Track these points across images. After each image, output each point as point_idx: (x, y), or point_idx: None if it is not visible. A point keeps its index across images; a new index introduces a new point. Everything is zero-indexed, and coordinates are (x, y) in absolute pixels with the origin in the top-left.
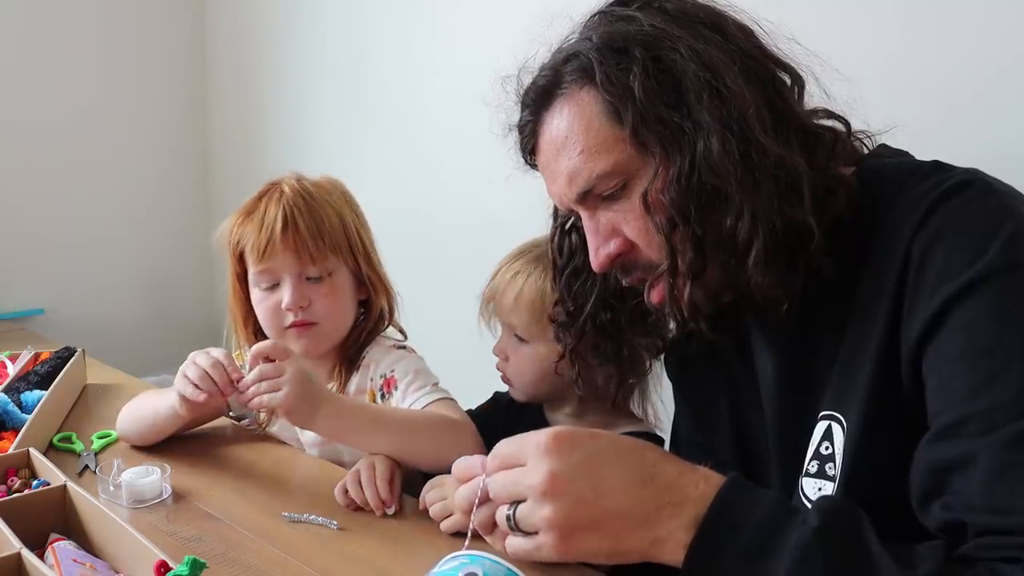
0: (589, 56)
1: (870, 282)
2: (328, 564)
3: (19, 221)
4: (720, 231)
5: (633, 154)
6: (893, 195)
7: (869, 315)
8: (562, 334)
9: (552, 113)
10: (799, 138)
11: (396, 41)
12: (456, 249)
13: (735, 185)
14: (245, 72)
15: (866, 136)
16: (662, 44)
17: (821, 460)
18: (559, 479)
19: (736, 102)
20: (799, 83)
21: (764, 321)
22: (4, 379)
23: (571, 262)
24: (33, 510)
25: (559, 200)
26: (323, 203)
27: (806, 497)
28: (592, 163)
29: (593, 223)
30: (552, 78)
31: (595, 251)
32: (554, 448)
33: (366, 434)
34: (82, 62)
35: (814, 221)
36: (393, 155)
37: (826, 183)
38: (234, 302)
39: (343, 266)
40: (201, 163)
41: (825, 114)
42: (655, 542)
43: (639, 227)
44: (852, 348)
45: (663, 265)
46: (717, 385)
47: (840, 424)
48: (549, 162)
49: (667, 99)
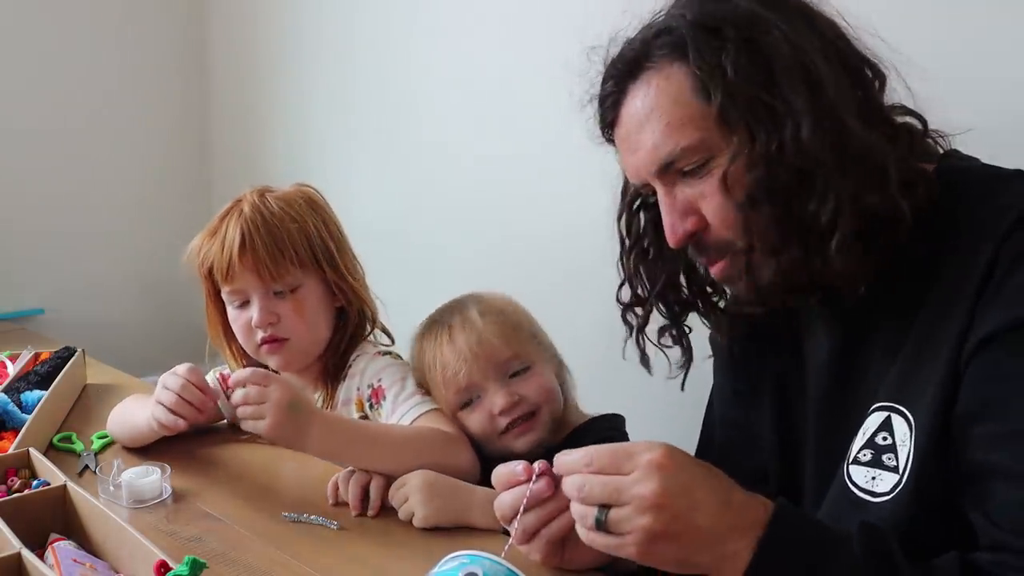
0: (683, 33)
1: (949, 280)
2: (328, 564)
3: (19, 221)
4: (804, 213)
5: (717, 132)
6: (978, 197)
7: (946, 312)
8: (629, 315)
9: (639, 85)
10: (884, 129)
11: (394, 40)
12: (456, 248)
13: (824, 168)
14: (244, 73)
15: (940, 136)
16: (756, 26)
17: (877, 450)
18: (668, 494)
19: (828, 87)
20: (881, 78)
21: (822, 303)
22: (4, 379)
23: (639, 243)
24: (33, 510)
25: (636, 173)
26: (282, 218)
27: (855, 484)
28: (677, 136)
29: (670, 198)
30: (642, 50)
31: (671, 227)
32: (668, 464)
33: (359, 452)
34: (81, 63)
35: (904, 204)
36: (391, 156)
37: (908, 176)
38: (212, 320)
39: (311, 278)
40: (201, 163)
41: (903, 110)
42: (722, 558)
43: (717, 204)
44: (922, 342)
45: (739, 243)
46: (763, 362)
47: (904, 417)
48: (631, 133)
49: (758, 79)
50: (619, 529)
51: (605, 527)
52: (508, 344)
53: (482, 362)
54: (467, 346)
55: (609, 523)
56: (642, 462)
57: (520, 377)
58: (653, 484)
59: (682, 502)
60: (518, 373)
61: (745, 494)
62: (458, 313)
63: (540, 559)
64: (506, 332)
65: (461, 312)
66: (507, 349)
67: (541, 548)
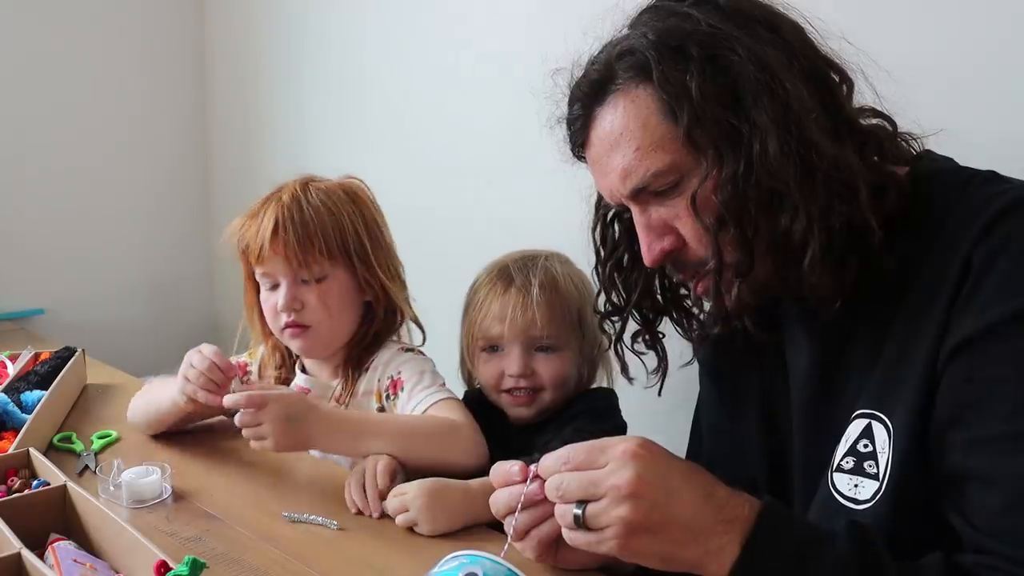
0: (646, 54)
1: (924, 285)
2: (328, 564)
3: (19, 221)
4: (774, 232)
5: (686, 154)
6: (951, 200)
7: (922, 317)
8: (607, 325)
9: (606, 108)
10: (852, 137)
11: (395, 40)
12: (457, 246)
13: (792, 186)
14: (245, 76)
15: (912, 138)
16: (719, 44)
17: (859, 457)
18: (643, 482)
19: (793, 103)
20: (848, 83)
21: (803, 312)
22: (4, 379)
23: (615, 253)
24: (33, 510)
25: (610, 195)
26: (318, 208)
27: (838, 492)
28: (647, 161)
29: (644, 218)
30: (605, 72)
31: (647, 247)
32: (643, 454)
33: (362, 441)
34: (82, 66)
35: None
36: (394, 155)
37: (878, 181)
38: (247, 298)
39: (340, 270)
40: (201, 163)
41: (872, 113)
42: (707, 554)
43: (691, 224)
44: (900, 348)
45: (710, 264)
46: (748, 371)
47: (883, 424)
48: (601, 157)
49: (723, 100)
50: (597, 523)
51: (584, 523)
52: (549, 323)
53: (518, 328)
54: (512, 308)
55: (587, 518)
56: (616, 453)
57: (544, 354)
58: (628, 472)
59: (659, 491)
60: (544, 349)
61: (728, 490)
62: (525, 271)
63: (534, 557)
64: (552, 311)
65: (527, 272)
66: (545, 327)
67: (533, 548)
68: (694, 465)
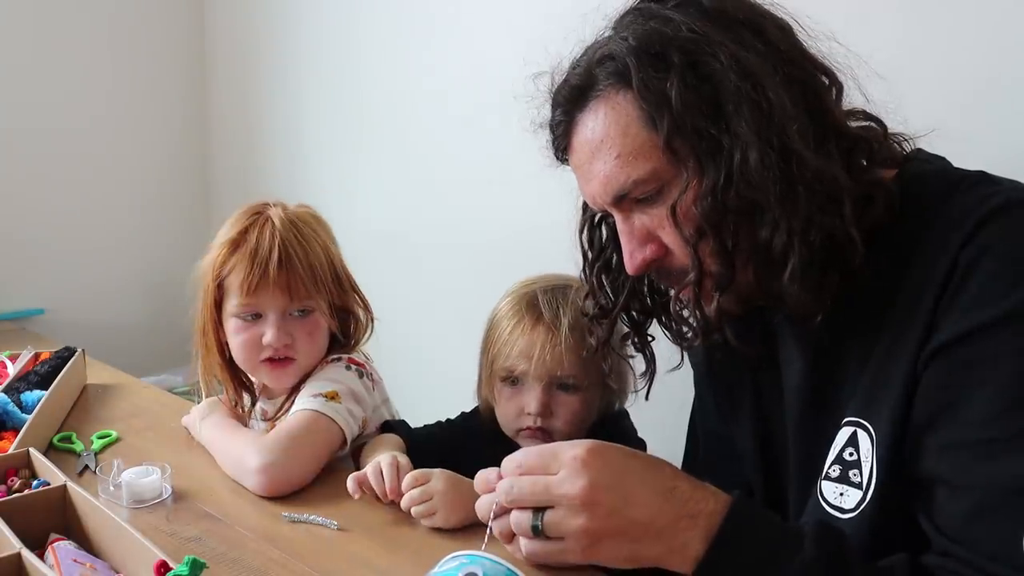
0: (626, 60)
1: (911, 290)
2: (328, 564)
3: (19, 221)
4: (755, 244)
5: (667, 162)
6: (940, 204)
7: (909, 320)
8: (594, 327)
9: (587, 114)
10: (838, 144)
11: (394, 46)
12: (457, 248)
13: (773, 199)
14: (244, 77)
15: (904, 139)
16: (701, 50)
17: (844, 465)
18: (596, 490)
19: (776, 113)
20: (837, 85)
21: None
22: (4, 379)
23: (602, 255)
24: (33, 510)
25: (593, 201)
26: (310, 238)
27: (825, 500)
28: (628, 168)
29: (627, 226)
30: (586, 78)
31: (630, 255)
32: (591, 461)
33: None
34: (82, 67)
35: (856, 233)
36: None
37: (865, 189)
38: (205, 329)
39: (323, 300)
40: (201, 163)
41: (862, 115)
42: (671, 551)
43: (673, 233)
44: (887, 352)
45: (691, 275)
46: (741, 378)
47: (867, 432)
48: (583, 163)
49: (704, 109)
50: (557, 532)
51: (543, 533)
52: (574, 364)
53: (545, 368)
54: (540, 347)
55: (546, 527)
56: (566, 460)
57: (565, 393)
58: (581, 481)
59: (615, 496)
60: (566, 387)
61: (692, 484)
62: (554, 306)
63: (523, 557)
64: (579, 353)
65: (556, 307)
66: (571, 368)
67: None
68: (654, 461)
